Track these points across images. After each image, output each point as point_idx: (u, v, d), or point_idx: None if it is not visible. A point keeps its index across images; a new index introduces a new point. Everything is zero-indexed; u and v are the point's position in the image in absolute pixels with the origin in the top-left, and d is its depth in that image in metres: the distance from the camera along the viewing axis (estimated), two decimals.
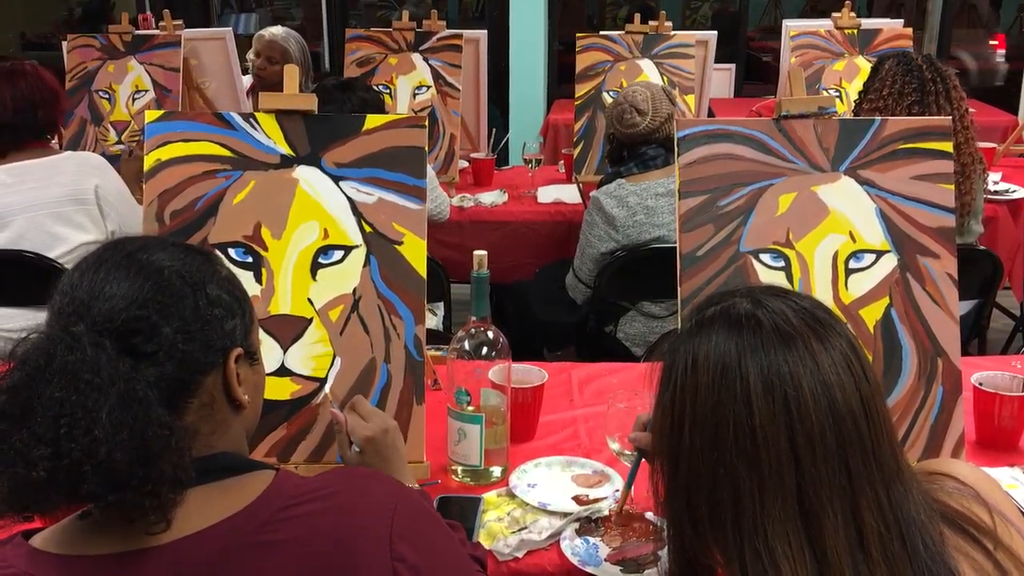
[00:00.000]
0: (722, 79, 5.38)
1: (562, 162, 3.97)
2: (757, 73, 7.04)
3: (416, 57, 3.75)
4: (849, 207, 1.63)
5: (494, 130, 4.06)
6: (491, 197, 3.55)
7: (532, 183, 3.70)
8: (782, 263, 1.62)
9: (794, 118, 1.65)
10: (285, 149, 1.61)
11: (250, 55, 4.21)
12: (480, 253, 1.60)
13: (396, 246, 1.60)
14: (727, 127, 1.65)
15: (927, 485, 1.01)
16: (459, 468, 1.64)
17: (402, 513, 0.99)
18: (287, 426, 1.56)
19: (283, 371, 1.57)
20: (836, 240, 1.63)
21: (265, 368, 1.52)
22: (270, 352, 1.57)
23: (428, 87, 3.71)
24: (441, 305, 2.86)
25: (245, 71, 4.34)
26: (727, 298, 1.03)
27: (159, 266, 0.99)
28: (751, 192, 1.63)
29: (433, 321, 2.81)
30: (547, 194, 3.60)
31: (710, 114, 4.63)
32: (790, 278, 1.61)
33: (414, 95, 3.71)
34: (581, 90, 3.77)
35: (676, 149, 1.63)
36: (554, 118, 5.13)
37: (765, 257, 1.61)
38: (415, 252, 1.60)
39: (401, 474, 1.33)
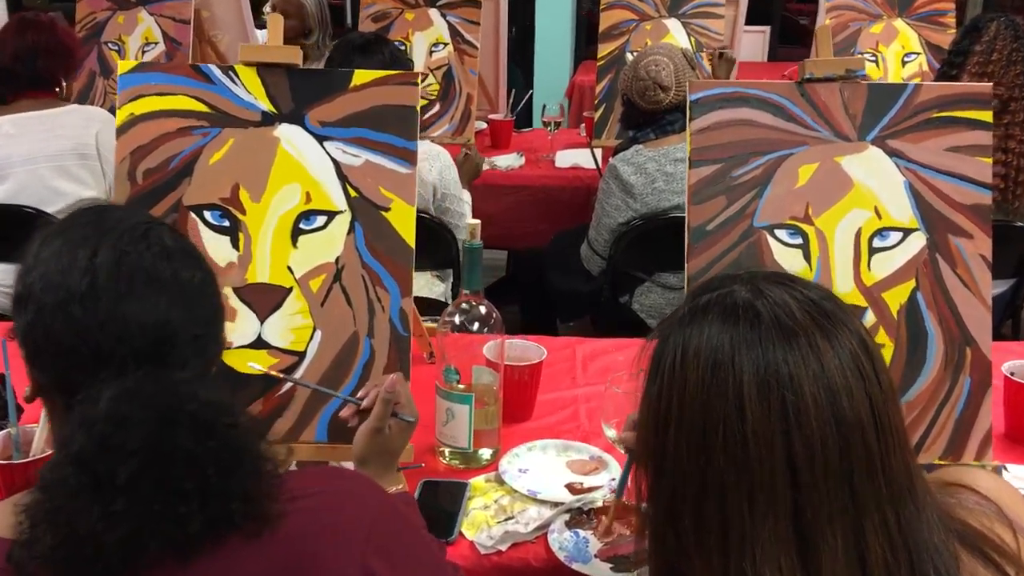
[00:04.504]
0: (755, 42, 5.21)
1: (583, 125, 3.83)
2: (794, 36, 6.80)
3: (433, 13, 3.60)
4: (875, 180, 1.50)
5: (514, 91, 3.93)
6: (507, 160, 3.44)
7: (551, 147, 3.58)
8: (799, 240, 1.49)
9: (819, 81, 1.52)
10: (266, 106, 1.50)
11: (266, 8, 4.10)
12: (473, 222, 1.50)
13: (383, 212, 1.49)
14: (745, 90, 1.52)
15: (944, 499, 0.90)
16: (447, 450, 1.55)
17: (380, 526, 0.94)
18: (262, 403, 1.46)
19: (259, 343, 1.47)
20: (860, 216, 1.49)
21: (241, 340, 1.46)
22: (246, 323, 1.47)
23: (445, 44, 3.57)
24: (450, 272, 2.75)
25: (262, 26, 4.23)
26: (726, 284, 0.91)
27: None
28: (769, 162, 1.50)
29: (440, 288, 2.71)
30: (565, 158, 3.48)
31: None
32: (808, 257, 1.49)
33: (430, 52, 3.57)
34: (604, 50, 3.62)
35: (688, 113, 1.50)
36: (580, 79, 4.98)
37: (781, 233, 1.49)
38: (403, 219, 1.49)
39: (390, 470, 1.31)
